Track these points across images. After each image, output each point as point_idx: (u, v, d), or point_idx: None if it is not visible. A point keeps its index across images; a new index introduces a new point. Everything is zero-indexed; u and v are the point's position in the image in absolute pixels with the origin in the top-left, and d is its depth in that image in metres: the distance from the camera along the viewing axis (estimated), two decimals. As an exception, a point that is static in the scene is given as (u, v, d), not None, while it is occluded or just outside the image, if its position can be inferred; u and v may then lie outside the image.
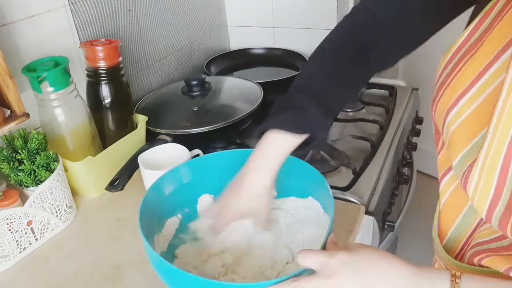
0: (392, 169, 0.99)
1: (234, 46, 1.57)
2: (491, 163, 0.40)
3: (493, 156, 0.40)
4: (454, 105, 0.45)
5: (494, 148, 0.40)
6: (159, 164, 0.84)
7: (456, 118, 0.45)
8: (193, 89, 1.08)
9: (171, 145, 0.89)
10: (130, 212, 0.84)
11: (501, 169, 0.40)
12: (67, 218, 0.82)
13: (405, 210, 1.04)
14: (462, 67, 0.45)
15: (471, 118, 0.44)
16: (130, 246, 0.76)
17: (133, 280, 0.69)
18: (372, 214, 0.84)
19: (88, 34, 0.98)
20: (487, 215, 0.42)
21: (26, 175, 0.75)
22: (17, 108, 0.76)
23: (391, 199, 0.99)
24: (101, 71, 0.87)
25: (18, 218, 0.73)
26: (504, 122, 0.38)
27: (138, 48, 1.15)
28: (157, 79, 1.24)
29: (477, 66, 0.43)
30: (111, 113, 0.92)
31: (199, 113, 1.02)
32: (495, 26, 0.43)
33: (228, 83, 1.20)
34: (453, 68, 0.47)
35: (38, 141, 0.76)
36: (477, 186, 0.43)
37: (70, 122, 0.85)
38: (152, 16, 1.17)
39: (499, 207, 0.41)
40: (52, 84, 0.79)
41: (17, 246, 0.74)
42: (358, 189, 0.85)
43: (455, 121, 0.45)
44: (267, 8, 1.44)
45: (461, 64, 0.46)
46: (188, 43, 1.35)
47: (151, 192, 0.67)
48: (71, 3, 0.92)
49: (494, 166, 0.40)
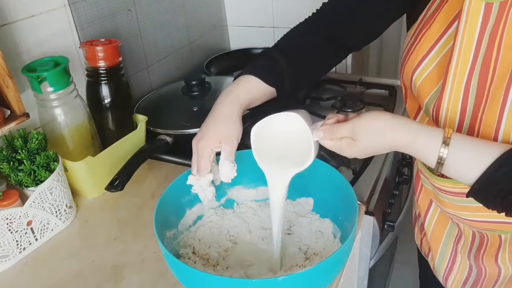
0: (392, 169, 0.99)
1: (234, 46, 1.57)
2: (455, 96, 0.57)
3: (456, 90, 0.57)
4: (418, 65, 0.62)
5: (455, 87, 0.57)
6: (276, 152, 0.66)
7: (421, 74, 0.62)
8: (193, 89, 1.08)
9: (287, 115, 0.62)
10: (130, 212, 0.84)
11: (462, 99, 0.57)
12: (67, 218, 0.82)
13: (405, 210, 1.04)
14: (422, 38, 0.61)
15: (432, 73, 0.61)
16: (130, 246, 0.76)
17: (133, 280, 0.69)
18: (372, 214, 0.84)
19: (88, 34, 0.98)
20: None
21: (26, 175, 0.74)
22: (17, 108, 0.76)
23: (391, 199, 0.99)
24: (101, 71, 0.87)
25: (18, 218, 0.73)
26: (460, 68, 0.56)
27: (138, 48, 1.15)
28: (157, 79, 1.24)
29: (433, 36, 0.60)
30: (111, 113, 0.91)
31: (199, 113, 1.02)
32: (444, 5, 0.59)
33: (228, 83, 1.19)
34: (414, 39, 0.64)
35: (38, 141, 0.76)
36: (446, 116, 0.59)
37: (70, 122, 0.84)
38: (152, 16, 1.17)
39: (463, 131, 0.59)
40: (52, 84, 0.79)
41: (17, 246, 0.74)
42: (358, 189, 0.85)
43: (421, 77, 0.62)
44: (267, 8, 1.44)
45: (420, 35, 0.62)
46: (188, 43, 1.35)
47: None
48: (71, 3, 0.92)
49: (457, 97, 0.57)
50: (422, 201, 0.81)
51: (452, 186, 0.64)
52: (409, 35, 0.68)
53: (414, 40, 0.64)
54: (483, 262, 0.73)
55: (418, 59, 0.62)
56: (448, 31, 0.59)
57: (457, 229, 0.75)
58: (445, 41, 0.59)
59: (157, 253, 0.73)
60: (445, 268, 0.80)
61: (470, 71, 0.55)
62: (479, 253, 0.73)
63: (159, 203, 0.65)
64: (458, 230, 0.74)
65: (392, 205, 0.99)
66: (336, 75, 1.41)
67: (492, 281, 0.75)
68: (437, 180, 0.66)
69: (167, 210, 0.68)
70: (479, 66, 0.54)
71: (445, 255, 0.79)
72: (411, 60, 0.64)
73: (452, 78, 0.57)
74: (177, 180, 0.70)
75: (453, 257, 0.78)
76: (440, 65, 0.60)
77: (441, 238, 0.78)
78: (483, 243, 0.71)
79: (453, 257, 0.78)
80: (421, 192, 0.80)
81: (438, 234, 0.79)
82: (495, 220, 0.64)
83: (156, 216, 0.63)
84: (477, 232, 0.71)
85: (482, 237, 0.71)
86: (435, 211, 0.78)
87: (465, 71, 0.56)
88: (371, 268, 0.98)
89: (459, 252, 0.76)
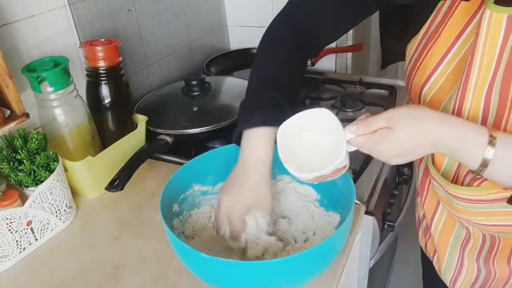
0: (392, 169, 0.99)
1: (234, 46, 1.57)
2: (474, 107, 0.55)
3: (476, 102, 0.55)
4: (427, 81, 0.61)
5: (475, 100, 0.55)
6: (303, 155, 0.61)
7: (431, 90, 0.60)
8: (193, 89, 1.08)
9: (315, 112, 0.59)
10: (130, 212, 0.84)
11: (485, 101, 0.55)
12: (67, 218, 0.82)
13: (405, 210, 1.04)
14: (428, 52, 0.60)
15: (443, 87, 0.60)
16: (130, 246, 0.76)
17: (133, 280, 0.69)
18: (372, 214, 0.84)
19: (88, 34, 0.98)
20: None
21: (26, 175, 0.74)
22: (17, 108, 0.76)
23: (391, 199, 0.99)
24: (101, 71, 0.87)
25: (18, 218, 0.73)
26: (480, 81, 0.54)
27: (138, 48, 1.15)
28: (157, 79, 1.24)
29: (441, 50, 0.59)
30: (111, 113, 0.91)
31: (199, 113, 1.02)
32: (449, 19, 0.58)
33: (228, 83, 1.20)
34: (419, 54, 0.62)
35: (38, 141, 0.76)
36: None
37: (70, 122, 0.84)
38: (152, 16, 1.17)
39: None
40: (52, 84, 0.79)
41: (17, 246, 0.74)
42: (358, 189, 0.85)
43: (430, 92, 0.61)
44: (267, 8, 1.44)
45: (426, 50, 0.61)
46: (188, 43, 1.35)
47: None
48: (71, 3, 0.92)
49: (477, 107, 0.55)
50: (428, 204, 0.79)
51: (468, 193, 0.61)
52: (412, 47, 0.66)
53: (420, 55, 0.63)
54: (493, 264, 0.72)
55: (426, 74, 0.61)
56: (456, 44, 0.58)
57: (465, 232, 0.73)
58: (454, 54, 0.59)
59: (157, 253, 0.73)
60: (453, 272, 0.78)
61: (491, 83, 0.54)
62: (489, 256, 0.72)
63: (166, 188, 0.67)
64: (467, 233, 0.73)
65: (392, 205, 0.99)
66: (336, 75, 1.41)
67: (502, 283, 0.73)
68: (452, 187, 0.63)
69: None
70: (500, 78, 0.53)
71: (453, 259, 0.77)
72: (418, 76, 0.62)
73: (473, 91, 0.55)
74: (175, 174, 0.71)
75: (461, 260, 0.76)
76: (451, 78, 0.59)
77: (448, 242, 0.76)
78: (494, 245, 0.70)
79: (461, 260, 0.76)
80: (428, 195, 0.78)
81: (445, 237, 0.77)
82: (510, 224, 0.62)
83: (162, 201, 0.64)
84: (488, 235, 0.69)
85: (493, 239, 0.69)
86: (442, 214, 0.76)
87: (485, 83, 0.54)
88: (371, 268, 0.98)
89: (466, 255, 0.75)
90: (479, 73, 0.54)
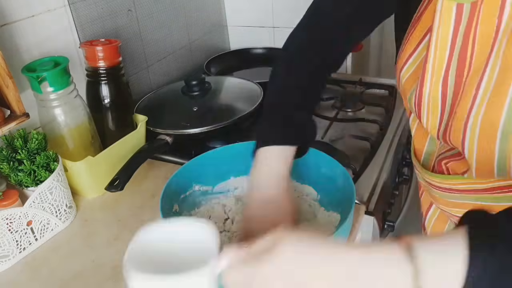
0: (392, 169, 0.99)
1: (234, 46, 1.57)
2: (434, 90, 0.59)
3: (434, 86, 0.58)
4: (405, 64, 0.64)
5: (433, 83, 0.58)
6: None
7: (407, 72, 0.64)
8: (193, 89, 1.08)
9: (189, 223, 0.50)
10: (130, 212, 0.84)
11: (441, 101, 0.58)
12: (67, 218, 0.82)
13: (405, 210, 1.04)
14: (409, 37, 0.64)
15: (416, 71, 0.63)
16: (130, 246, 0.76)
17: (133, 280, 0.69)
18: (372, 214, 0.84)
19: (88, 34, 0.98)
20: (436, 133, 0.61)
21: (26, 175, 0.74)
22: (17, 108, 0.76)
23: (391, 199, 0.99)
24: (101, 71, 0.87)
25: (18, 218, 0.73)
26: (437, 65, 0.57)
27: (138, 48, 1.15)
28: (157, 79, 1.24)
29: (418, 35, 0.62)
30: (111, 113, 0.91)
31: (199, 113, 1.02)
32: (428, 5, 0.61)
33: (228, 83, 1.20)
34: (405, 38, 0.66)
35: (38, 141, 0.76)
36: (428, 115, 0.61)
37: (70, 122, 0.84)
38: (152, 16, 1.17)
39: (442, 127, 0.60)
40: (52, 84, 0.79)
41: (17, 246, 0.74)
42: (358, 189, 0.85)
43: (406, 74, 0.65)
44: (267, 8, 1.44)
45: (409, 34, 0.64)
46: (188, 43, 1.35)
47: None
48: (71, 3, 0.92)
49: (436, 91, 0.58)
50: (424, 199, 0.81)
51: (439, 181, 0.64)
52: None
53: (405, 40, 0.66)
54: None
55: (405, 57, 0.64)
56: (424, 39, 0.61)
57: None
58: (428, 40, 0.61)
59: (157, 253, 0.73)
60: None
61: (447, 67, 0.57)
62: None
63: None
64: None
65: (392, 205, 0.99)
66: (336, 75, 1.41)
67: None
68: (427, 174, 0.67)
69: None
70: (455, 62, 0.56)
71: None
72: (400, 58, 0.66)
73: (431, 75, 0.58)
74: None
75: None
76: (421, 64, 0.62)
77: None
78: None
79: None
80: (424, 191, 0.81)
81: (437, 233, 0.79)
82: None
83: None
84: None
85: None
86: (436, 211, 0.78)
87: (442, 67, 0.57)
88: (371, 268, 0.98)
89: None
90: (434, 58, 0.57)
